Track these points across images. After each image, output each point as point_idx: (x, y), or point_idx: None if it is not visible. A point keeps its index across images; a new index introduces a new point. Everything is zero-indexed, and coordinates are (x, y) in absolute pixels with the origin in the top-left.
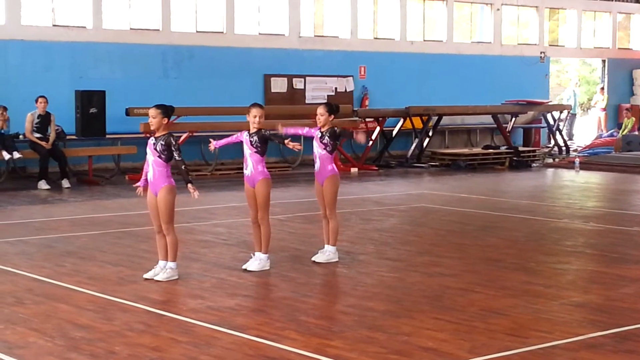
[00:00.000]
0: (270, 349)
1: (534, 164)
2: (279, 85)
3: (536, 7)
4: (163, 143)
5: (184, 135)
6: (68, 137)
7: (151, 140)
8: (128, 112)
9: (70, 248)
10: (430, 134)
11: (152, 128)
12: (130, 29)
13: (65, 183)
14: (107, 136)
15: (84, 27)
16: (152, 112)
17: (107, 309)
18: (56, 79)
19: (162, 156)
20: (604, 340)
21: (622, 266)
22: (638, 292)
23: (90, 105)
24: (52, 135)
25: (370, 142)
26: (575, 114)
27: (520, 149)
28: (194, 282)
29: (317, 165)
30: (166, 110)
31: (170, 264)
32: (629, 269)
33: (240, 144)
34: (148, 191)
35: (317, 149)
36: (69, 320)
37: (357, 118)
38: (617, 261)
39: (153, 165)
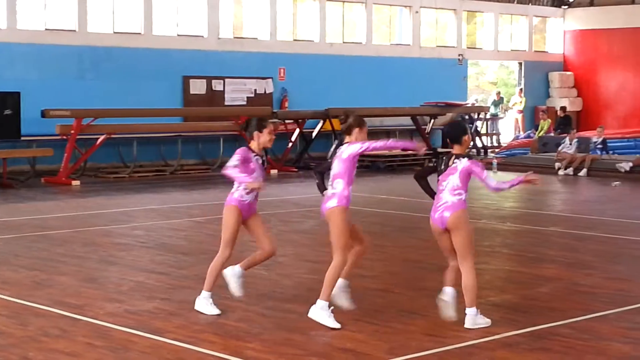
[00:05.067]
0: (188, 352)
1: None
2: (198, 87)
3: (454, 10)
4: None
5: (102, 137)
6: None
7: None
8: (44, 114)
9: None
10: None
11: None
12: (46, 29)
13: None
14: (22, 138)
15: None
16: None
17: (21, 314)
18: None
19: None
20: (519, 339)
21: (538, 266)
22: (553, 291)
23: (5, 106)
24: None
25: (290, 144)
26: (496, 115)
27: (439, 150)
28: (111, 285)
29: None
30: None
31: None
32: (544, 269)
33: None
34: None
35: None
36: None
37: (276, 120)
38: (533, 261)
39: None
